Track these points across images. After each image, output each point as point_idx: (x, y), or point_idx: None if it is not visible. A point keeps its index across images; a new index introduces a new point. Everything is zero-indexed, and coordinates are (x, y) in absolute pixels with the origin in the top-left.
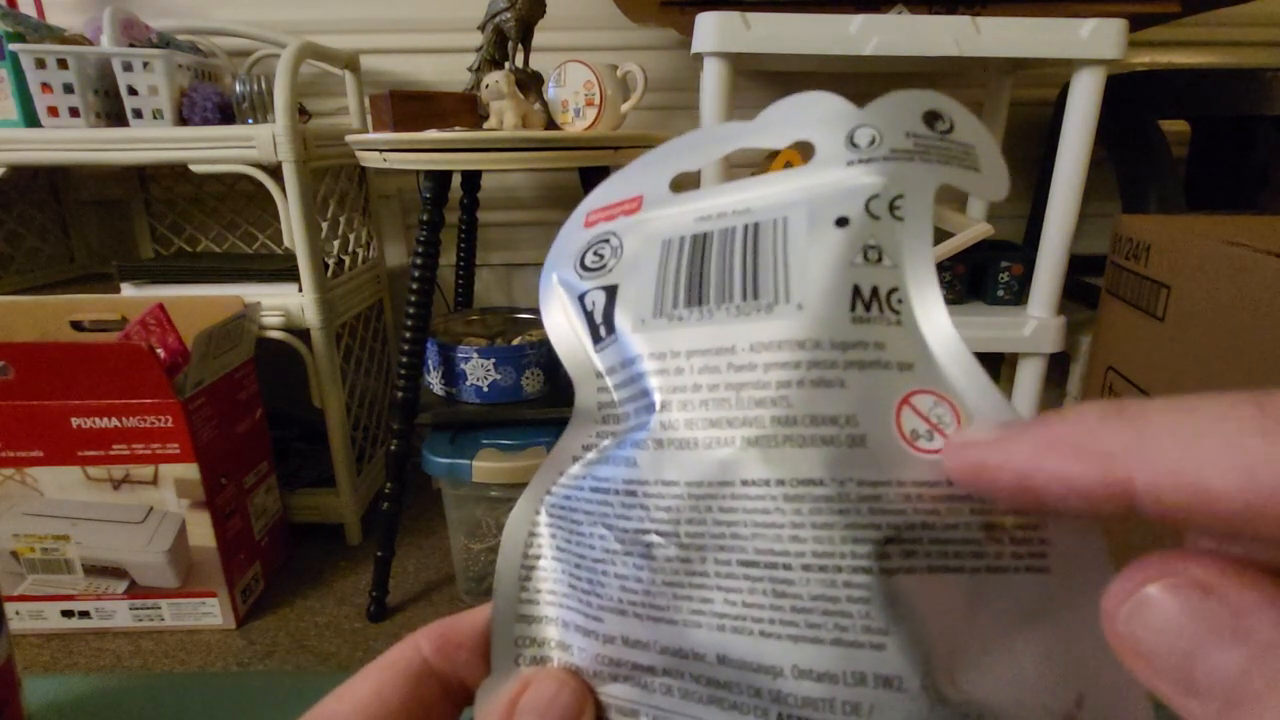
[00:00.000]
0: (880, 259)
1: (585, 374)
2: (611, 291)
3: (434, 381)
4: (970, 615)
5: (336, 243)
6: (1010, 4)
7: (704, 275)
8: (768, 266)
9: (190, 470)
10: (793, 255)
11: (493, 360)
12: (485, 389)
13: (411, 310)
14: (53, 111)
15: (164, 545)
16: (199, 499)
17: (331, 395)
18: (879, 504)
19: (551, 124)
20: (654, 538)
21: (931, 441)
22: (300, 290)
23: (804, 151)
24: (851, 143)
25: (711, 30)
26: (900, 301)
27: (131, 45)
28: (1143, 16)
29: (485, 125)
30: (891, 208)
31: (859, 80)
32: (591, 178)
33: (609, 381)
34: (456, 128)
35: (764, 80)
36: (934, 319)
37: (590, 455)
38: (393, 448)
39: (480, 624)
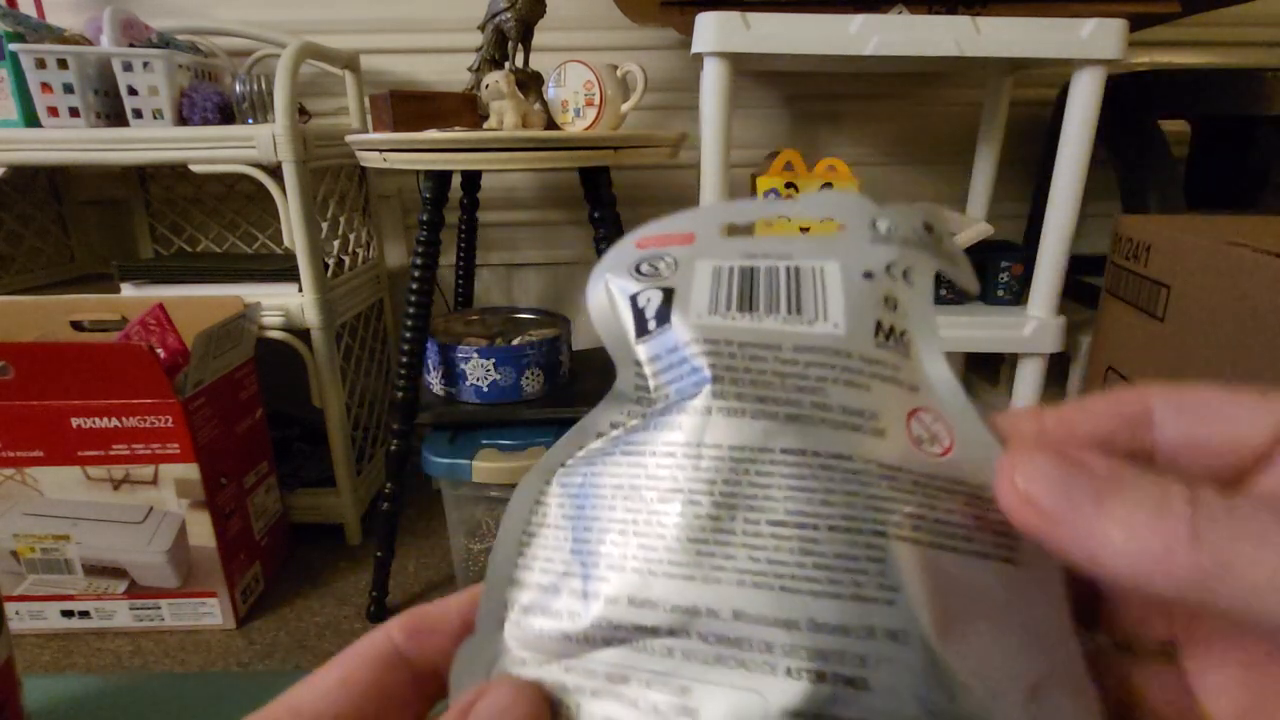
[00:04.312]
0: (896, 307)
1: (626, 362)
2: (668, 293)
3: (434, 381)
4: (957, 589)
5: (336, 243)
6: (1010, 4)
7: (754, 291)
8: (809, 295)
9: (190, 470)
10: (830, 290)
11: (493, 360)
12: (485, 389)
13: (411, 310)
14: (53, 111)
15: (164, 545)
16: (199, 499)
17: (331, 395)
18: (895, 484)
19: (551, 124)
20: (688, 495)
21: (933, 447)
22: (300, 290)
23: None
24: (874, 227)
25: (711, 30)
26: (909, 342)
27: (131, 45)
28: (1143, 16)
29: (485, 125)
30: (905, 275)
31: (859, 80)
32: (591, 178)
33: (648, 370)
34: (456, 128)
35: (764, 80)
36: (934, 361)
37: (617, 433)
38: (392, 448)
39: (454, 611)
